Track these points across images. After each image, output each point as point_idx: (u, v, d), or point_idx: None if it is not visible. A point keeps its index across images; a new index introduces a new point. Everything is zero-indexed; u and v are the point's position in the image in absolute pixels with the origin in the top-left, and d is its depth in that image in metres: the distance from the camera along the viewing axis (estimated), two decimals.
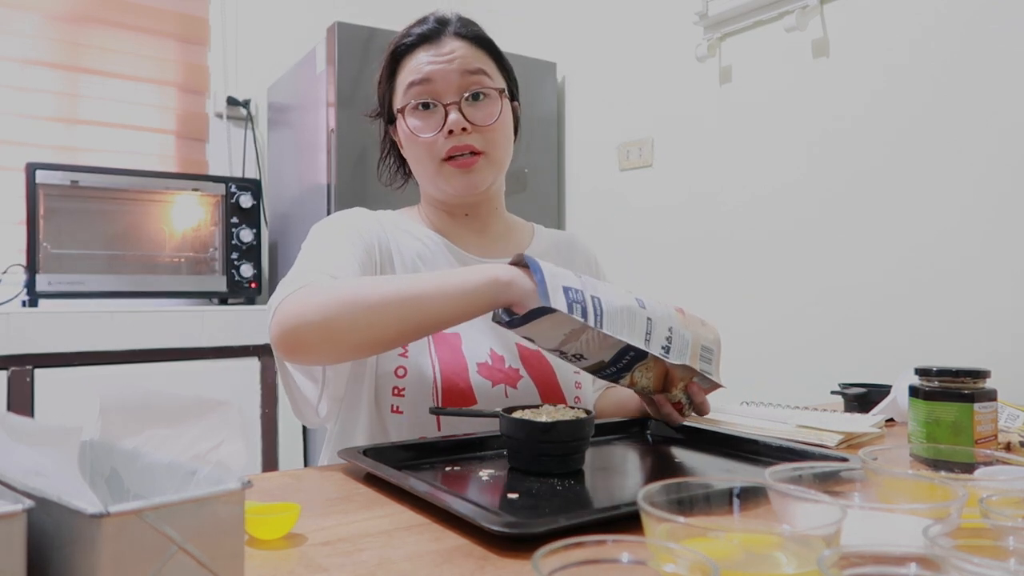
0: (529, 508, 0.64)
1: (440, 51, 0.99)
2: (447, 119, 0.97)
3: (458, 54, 0.99)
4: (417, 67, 0.99)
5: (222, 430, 0.44)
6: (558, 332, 0.81)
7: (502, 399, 0.97)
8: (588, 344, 0.83)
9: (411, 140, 1.01)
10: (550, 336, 0.82)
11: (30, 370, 1.93)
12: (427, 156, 1.00)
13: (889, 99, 1.57)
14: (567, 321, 0.79)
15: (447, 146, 0.98)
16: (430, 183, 1.04)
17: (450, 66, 0.98)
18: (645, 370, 0.88)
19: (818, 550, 0.39)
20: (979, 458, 0.63)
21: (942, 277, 1.47)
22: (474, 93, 0.99)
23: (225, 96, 2.73)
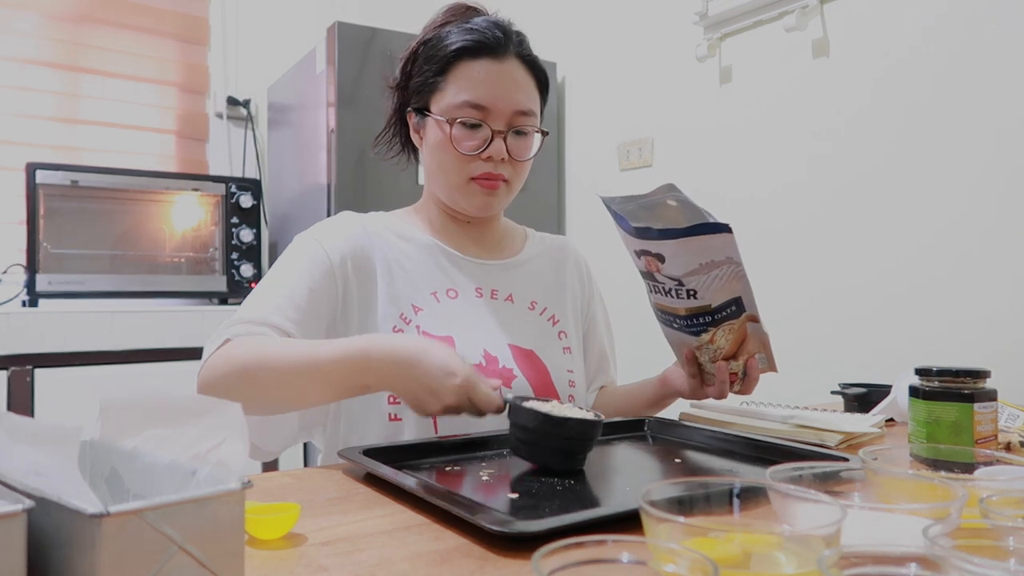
0: (529, 508, 0.64)
1: (503, 73, 0.98)
2: (491, 144, 0.98)
3: (520, 85, 1.00)
4: (478, 83, 0.97)
5: (222, 430, 0.44)
6: (701, 258, 0.81)
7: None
8: (713, 282, 0.82)
9: (446, 149, 0.99)
10: (688, 260, 0.81)
11: (30, 370, 1.92)
12: (457, 169, 1.00)
13: (889, 99, 1.57)
14: (725, 248, 0.79)
15: (482, 168, 0.99)
16: (447, 192, 1.04)
17: (508, 99, 0.98)
18: (728, 331, 0.88)
19: (818, 550, 0.39)
20: (979, 458, 0.63)
21: (942, 277, 1.47)
22: (520, 130, 1.00)
23: (225, 96, 2.73)
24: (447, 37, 1.00)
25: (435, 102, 1.00)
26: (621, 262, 1.98)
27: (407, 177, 2.16)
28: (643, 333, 1.40)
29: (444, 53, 0.99)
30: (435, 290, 1.03)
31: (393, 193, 2.15)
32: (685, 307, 0.87)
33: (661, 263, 0.84)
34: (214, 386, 0.85)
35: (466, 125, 0.98)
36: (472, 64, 0.98)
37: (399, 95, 1.06)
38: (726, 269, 0.82)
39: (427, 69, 1.01)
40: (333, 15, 2.49)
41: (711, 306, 0.86)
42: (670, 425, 0.96)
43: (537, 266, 1.15)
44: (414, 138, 1.07)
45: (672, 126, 2.08)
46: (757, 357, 0.94)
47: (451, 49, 0.98)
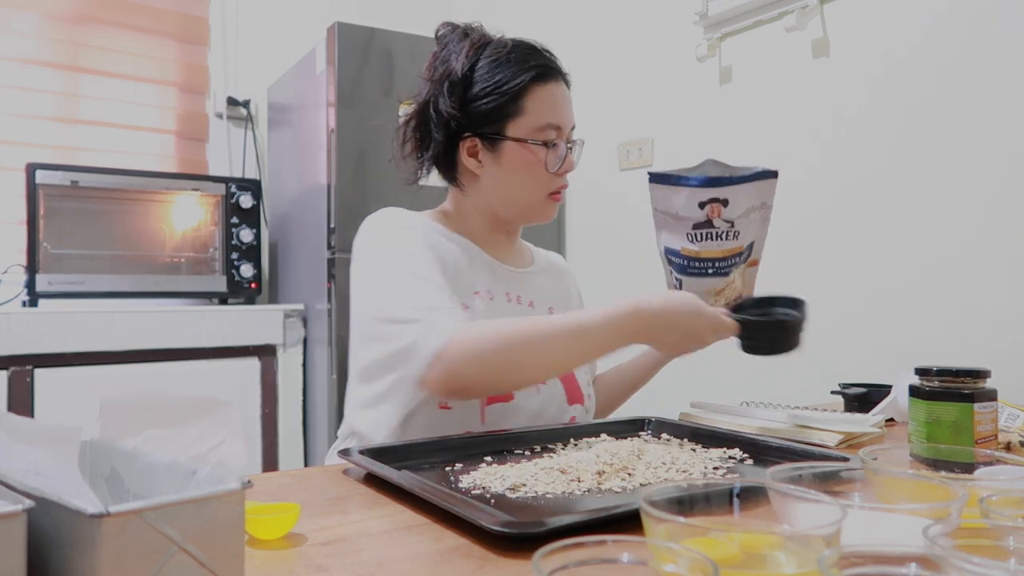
0: (529, 508, 0.64)
1: (565, 95, 1.09)
2: (565, 160, 1.07)
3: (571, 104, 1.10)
4: (554, 107, 1.06)
5: (222, 430, 0.44)
6: (754, 201, 1.01)
7: (534, 395, 1.04)
8: (752, 223, 1.02)
9: (534, 169, 1.05)
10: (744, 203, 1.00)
11: (30, 370, 1.93)
12: (539, 187, 1.07)
13: (889, 99, 1.57)
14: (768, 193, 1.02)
15: (558, 183, 1.08)
16: (519, 208, 1.10)
17: (571, 117, 1.10)
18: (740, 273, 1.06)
19: (818, 550, 0.39)
20: (979, 458, 0.63)
21: (942, 277, 1.47)
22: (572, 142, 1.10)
23: (225, 96, 2.73)
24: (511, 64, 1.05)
25: (513, 127, 1.05)
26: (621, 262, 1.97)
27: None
28: None
29: (518, 80, 1.04)
30: (478, 290, 1.07)
31: (393, 193, 2.15)
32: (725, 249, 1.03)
33: (724, 207, 1.01)
34: (471, 367, 0.88)
35: (550, 145, 1.06)
36: (545, 88, 1.06)
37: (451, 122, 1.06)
38: (761, 212, 1.03)
39: (498, 94, 1.05)
40: (333, 15, 2.49)
41: (742, 247, 1.03)
42: (670, 425, 0.97)
43: (546, 278, 1.21)
44: (469, 162, 1.08)
45: (672, 126, 2.08)
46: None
47: (527, 77, 1.04)
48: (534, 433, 0.91)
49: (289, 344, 2.30)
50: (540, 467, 0.75)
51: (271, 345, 2.27)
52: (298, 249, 2.41)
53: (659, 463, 0.78)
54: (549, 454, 0.83)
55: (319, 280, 2.18)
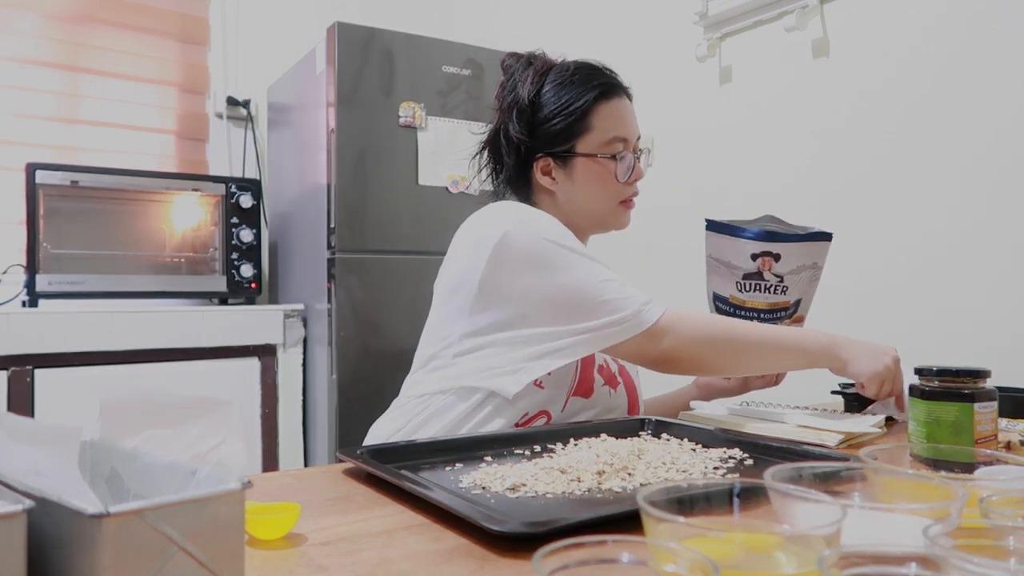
0: (529, 508, 0.64)
1: (629, 109, 1.16)
2: (634, 170, 1.14)
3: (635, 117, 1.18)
4: (620, 120, 1.14)
5: (222, 430, 0.44)
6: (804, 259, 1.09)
7: (607, 398, 1.11)
8: (800, 281, 1.10)
9: (605, 181, 1.12)
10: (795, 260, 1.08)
11: (30, 370, 1.93)
12: (612, 196, 1.14)
13: (889, 99, 1.57)
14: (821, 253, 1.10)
15: (629, 191, 1.15)
16: (596, 218, 1.16)
17: (636, 129, 1.17)
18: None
19: (818, 550, 0.39)
20: (979, 458, 0.63)
21: (942, 276, 1.47)
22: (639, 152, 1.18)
23: (225, 96, 2.74)
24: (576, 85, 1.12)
25: (582, 144, 1.12)
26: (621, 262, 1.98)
27: (406, 178, 2.16)
28: None
29: (584, 99, 1.12)
30: None
31: (393, 193, 2.15)
32: (771, 302, 1.10)
33: (775, 262, 1.08)
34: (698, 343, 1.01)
35: (618, 158, 1.12)
36: (609, 104, 1.13)
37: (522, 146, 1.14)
38: (811, 271, 1.10)
39: (567, 114, 1.12)
40: (333, 15, 2.49)
41: (789, 302, 1.10)
42: (670, 425, 0.97)
43: None
44: (544, 180, 1.14)
45: (672, 126, 2.08)
46: None
47: (592, 96, 1.12)
48: (534, 433, 0.91)
49: (289, 344, 2.30)
50: (540, 467, 0.75)
51: (271, 345, 2.27)
52: (298, 249, 2.41)
53: (659, 463, 0.78)
54: (549, 454, 0.83)
55: (319, 280, 2.18)
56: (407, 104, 2.15)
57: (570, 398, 1.06)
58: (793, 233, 1.10)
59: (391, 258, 2.13)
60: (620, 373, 1.16)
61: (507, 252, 1.01)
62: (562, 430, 0.92)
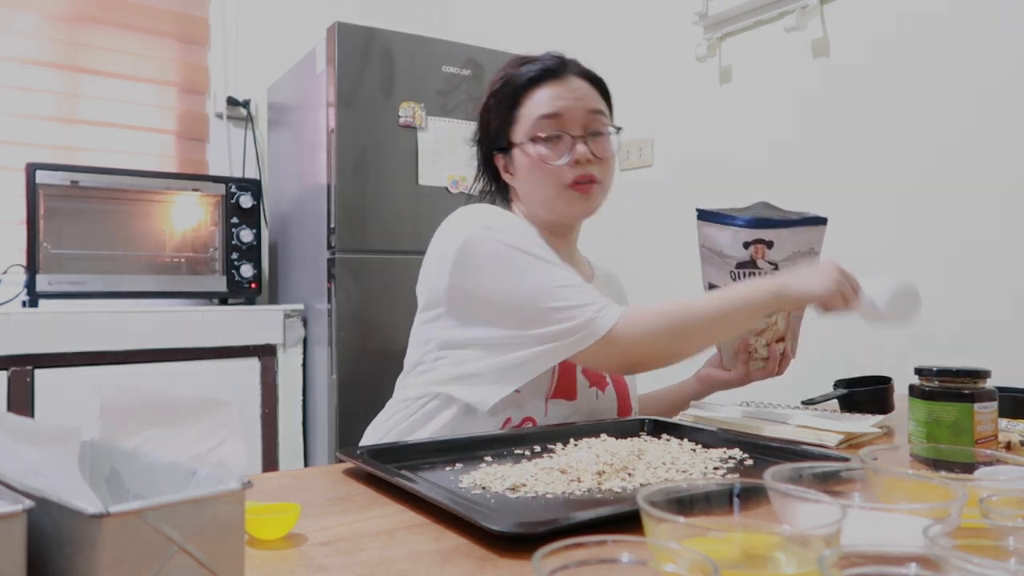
0: (529, 508, 0.64)
1: (568, 88, 1.08)
2: (574, 150, 1.06)
3: (583, 92, 1.09)
4: (546, 101, 1.07)
5: (222, 430, 0.44)
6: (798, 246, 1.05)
7: (594, 400, 1.10)
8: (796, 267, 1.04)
9: (537, 166, 1.07)
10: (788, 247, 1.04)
11: (30, 370, 1.93)
12: (552, 181, 1.07)
13: (889, 98, 1.57)
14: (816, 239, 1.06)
15: (573, 173, 1.06)
16: (547, 206, 1.10)
17: (578, 104, 1.07)
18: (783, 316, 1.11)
19: (818, 550, 0.39)
20: (979, 458, 0.63)
21: (942, 276, 1.47)
22: (596, 131, 1.08)
23: (225, 96, 2.73)
24: (512, 77, 1.10)
25: (515, 133, 1.09)
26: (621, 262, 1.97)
27: (406, 178, 2.16)
28: None
29: (513, 88, 1.09)
30: None
31: (393, 193, 2.15)
32: None
33: (768, 249, 1.04)
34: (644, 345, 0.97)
35: (547, 139, 1.06)
36: (539, 90, 1.08)
37: (484, 147, 1.16)
38: (808, 258, 1.06)
39: (501, 110, 1.11)
40: (333, 15, 2.49)
41: None
42: (670, 425, 0.96)
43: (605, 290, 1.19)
44: (506, 178, 1.14)
45: (672, 126, 2.08)
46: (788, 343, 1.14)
47: (519, 83, 1.09)
48: (534, 433, 0.91)
49: (289, 344, 2.30)
50: (540, 467, 0.75)
51: (271, 345, 2.27)
52: (298, 249, 2.41)
53: (659, 463, 0.78)
54: (549, 454, 0.83)
55: (319, 280, 2.18)
56: (407, 104, 2.14)
57: (550, 401, 1.05)
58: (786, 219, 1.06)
59: (391, 258, 2.13)
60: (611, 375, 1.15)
61: (467, 260, 1.01)
62: (562, 430, 0.92)
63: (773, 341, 1.13)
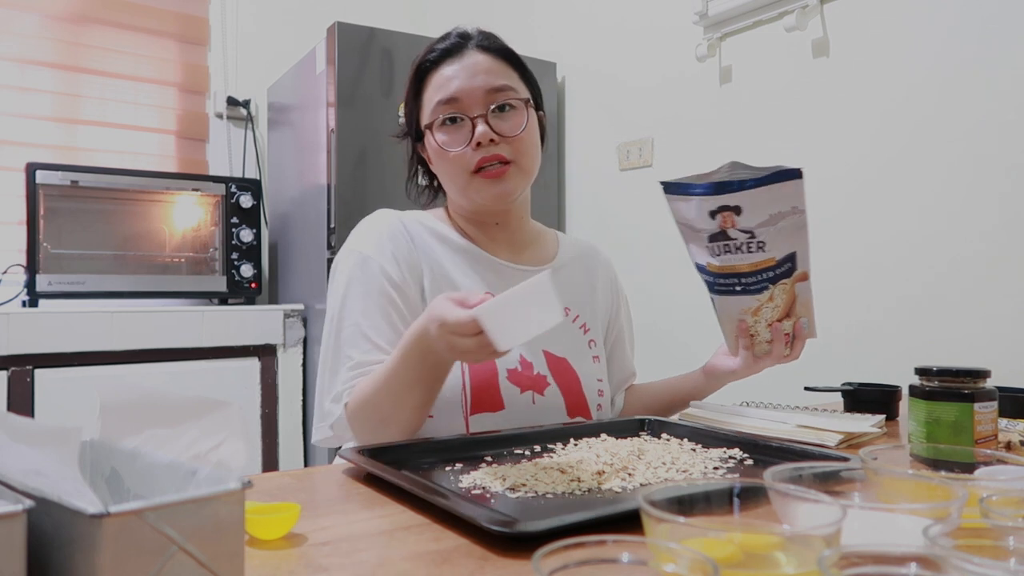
0: (529, 508, 0.64)
1: (464, 66, 1.01)
2: (475, 132, 0.99)
3: (482, 67, 1.01)
4: (443, 83, 1.01)
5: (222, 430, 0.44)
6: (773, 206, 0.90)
7: (529, 405, 1.00)
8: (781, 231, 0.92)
9: (440, 155, 1.02)
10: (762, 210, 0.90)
11: (30, 370, 1.93)
12: (457, 169, 1.01)
13: (889, 99, 1.57)
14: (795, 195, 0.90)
15: (476, 158, 0.99)
16: (462, 195, 1.04)
17: (475, 81, 0.99)
18: (783, 289, 0.97)
19: (818, 550, 0.39)
20: (979, 458, 0.63)
21: (942, 276, 1.47)
22: (500, 105, 1.00)
23: (225, 96, 2.73)
24: (418, 62, 1.06)
25: (421, 122, 1.05)
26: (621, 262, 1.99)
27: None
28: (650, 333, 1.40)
29: (417, 74, 1.05)
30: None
31: (393, 193, 2.15)
32: (751, 262, 0.95)
33: (737, 215, 0.92)
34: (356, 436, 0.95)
35: (446, 124, 1.00)
36: (436, 73, 1.02)
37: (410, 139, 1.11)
38: (792, 219, 0.92)
39: (410, 97, 1.07)
40: (333, 15, 2.49)
41: (775, 259, 0.94)
42: (670, 425, 0.97)
43: (571, 273, 1.15)
44: (433, 168, 1.09)
45: (672, 126, 2.08)
46: (802, 322, 1.01)
47: (422, 68, 1.04)
48: (534, 433, 0.91)
49: (289, 344, 2.30)
50: (540, 467, 0.75)
51: (271, 345, 2.27)
52: (298, 249, 2.41)
53: (659, 463, 0.78)
54: (549, 454, 0.83)
55: (319, 280, 2.18)
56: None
57: (471, 417, 0.97)
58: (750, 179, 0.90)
59: None
60: (554, 373, 1.04)
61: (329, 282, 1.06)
62: (562, 430, 0.92)
63: (775, 320, 1.00)
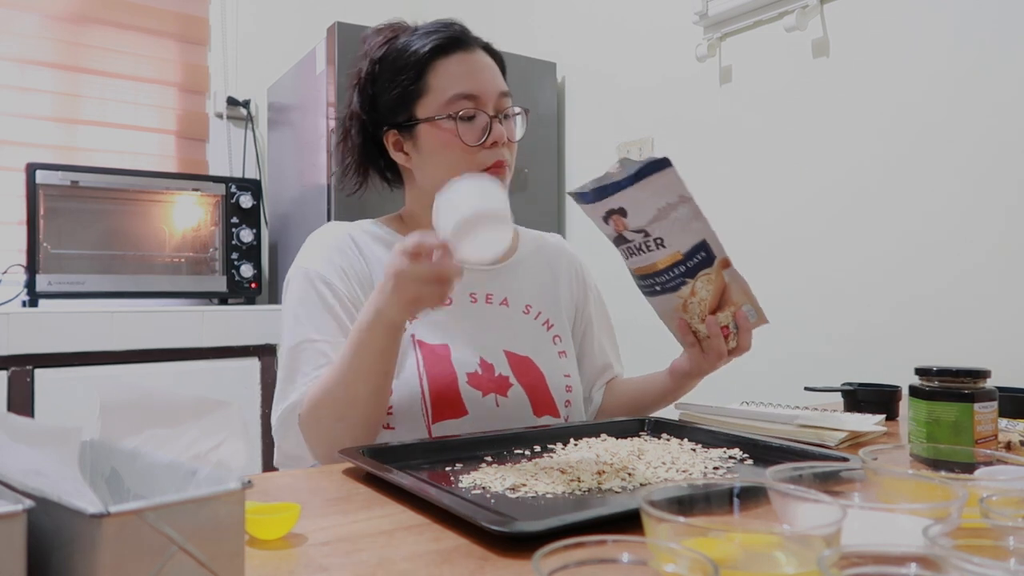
0: (529, 508, 0.64)
1: (478, 63, 1.02)
2: (491, 131, 0.99)
3: (495, 72, 1.03)
4: (461, 76, 0.99)
5: (222, 430, 0.44)
6: (657, 200, 0.86)
7: (493, 408, 0.99)
8: (675, 224, 0.87)
9: (451, 147, 0.98)
10: (647, 206, 0.86)
11: (30, 370, 1.92)
12: (466, 163, 0.98)
13: (889, 99, 1.57)
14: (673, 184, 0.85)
15: (493, 157, 0.99)
16: None
17: (492, 84, 1.01)
18: (707, 280, 0.92)
19: (818, 550, 0.39)
20: (979, 458, 0.63)
21: (942, 276, 1.47)
22: (506, 114, 1.02)
23: (225, 96, 2.73)
24: (412, 45, 1.01)
25: (421, 108, 1.00)
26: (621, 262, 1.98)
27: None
28: (646, 331, 1.40)
29: (417, 58, 1.00)
30: None
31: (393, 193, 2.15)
32: (658, 260, 0.91)
33: (625, 217, 0.88)
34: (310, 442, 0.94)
35: (464, 118, 0.98)
36: (448, 60, 1.00)
37: (366, 120, 1.05)
38: (683, 209, 0.87)
39: (401, 80, 1.01)
40: (333, 15, 2.49)
41: (681, 253, 0.90)
42: (670, 425, 0.97)
43: (531, 267, 1.14)
44: (398, 157, 1.05)
45: (672, 126, 2.08)
46: (744, 309, 0.96)
47: (424, 52, 1.00)
48: (534, 433, 0.91)
49: None
50: (540, 467, 0.75)
51: (271, 345, 2.27)
52: (298, 249, 2.41)
53: (659, 463, 0.78)
54: (549, 454, 0.83)
55: None
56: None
57: (433, 425, 0.96)
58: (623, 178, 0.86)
59: None
60: (516, 373, 1.03)
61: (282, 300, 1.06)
62: (562, 430, 0.92)
63: (708, 313, 0.95)
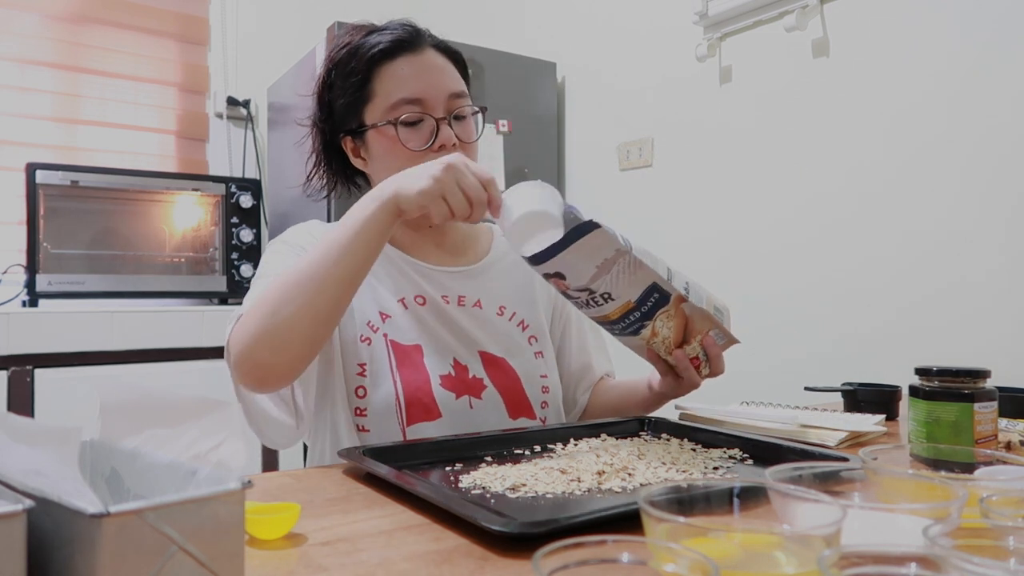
0: (529, 508, 0.64)
1: (424, 65, 0.98)
2: (438, 135, 0.97)
3: (442, 69, 0.99)
4: (404, 79, 0.97)
5: (222, 430, 0.44)
6: (594, 259, 0.81)
7: (467, 410, 0.98)
8: (619, 277, 0.83)
9: (394, 153, 0.97)
10: (584, 267, 0.81)
11: (30, 370, 1.92)
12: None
13: (889, 99, 1.57)
14: (606, 243, 0.80)
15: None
16: None
17: (440, 86, 0.98)
18: (667, 318, 0.89)
19: (818, 550, 0.39)
20: (979, 458, 0.63)
21: (942, 276, 1.47)
22: (458, 115, 0.99)
23: (225, 96, 2.74)
24: (359, 48, 1.00)
25: (368, 114, 1.00)
26: None
27: None
28: None
29: (362, 63, 0.99)
30: (403, 296, 1.01)
31: None
32: (610, 311, 0.88)
33: (564, 280, 0.84)
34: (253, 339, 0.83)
35: (408, 123, 0.97)
36: (393, 64, 0.98)
37: (325, 128, 1.05)
38: (622, 262, 0.82)
39: (349, 86, 1.00)
40: (333, 15, 2.49)
41: (632, 301, 0.86)
42: (670, 425, 0.96)
43: (505, 268, 1.11)
44: (357, 163, 1.04)
45: (672, 126, 2.08)
46: (712, 334, 0.92)
47: (368, 56, 0.98)
48: (534, 433, 0.91)
49: None
50: (540, 467, 0.75)
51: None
52: None
53: (659, 463, 0.78)
54: (549, 454, 0.83)
55: None
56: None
57: (407, 428, 0.95)
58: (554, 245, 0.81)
59: None
60: (491, 375, 1.01)
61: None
62: (562, 430, 0.92)
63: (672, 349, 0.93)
